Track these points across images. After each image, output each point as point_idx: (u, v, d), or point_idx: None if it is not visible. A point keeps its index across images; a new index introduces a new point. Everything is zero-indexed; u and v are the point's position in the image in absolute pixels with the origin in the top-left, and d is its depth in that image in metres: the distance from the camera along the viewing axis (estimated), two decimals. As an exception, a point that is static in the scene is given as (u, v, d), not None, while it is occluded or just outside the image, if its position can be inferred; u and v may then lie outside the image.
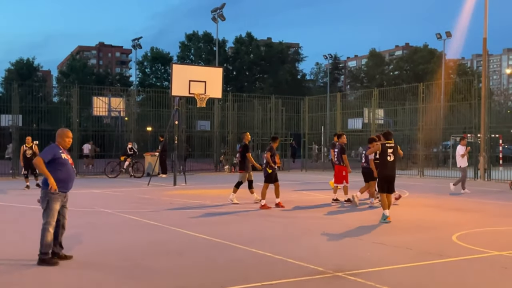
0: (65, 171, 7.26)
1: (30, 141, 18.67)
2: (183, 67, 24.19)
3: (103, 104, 28.38)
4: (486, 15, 24.87)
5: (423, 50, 76.17)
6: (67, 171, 7.29)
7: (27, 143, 18.59)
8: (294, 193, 17.48)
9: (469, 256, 7.79)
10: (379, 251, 8.24)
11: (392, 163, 11.26)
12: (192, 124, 31.90)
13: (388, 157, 11.21)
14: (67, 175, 7.28)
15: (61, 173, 7.22)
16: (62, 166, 7.23)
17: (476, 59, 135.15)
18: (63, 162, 7.25)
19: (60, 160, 7.23)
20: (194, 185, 20.37)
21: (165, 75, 69.85)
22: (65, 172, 7.27)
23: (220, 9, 38.20)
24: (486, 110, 24.20)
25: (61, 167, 7.22)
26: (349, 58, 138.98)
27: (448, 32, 48.22)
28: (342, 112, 31.81)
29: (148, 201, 15.04)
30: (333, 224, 10.91)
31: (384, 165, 11.30)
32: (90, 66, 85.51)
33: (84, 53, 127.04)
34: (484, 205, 14.59)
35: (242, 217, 12.00)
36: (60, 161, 7.22)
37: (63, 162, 7.25)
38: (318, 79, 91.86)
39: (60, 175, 7.20)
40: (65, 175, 7.25)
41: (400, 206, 13.86)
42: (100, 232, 9.90)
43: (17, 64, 70.51)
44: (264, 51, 73.75)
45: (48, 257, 7.09)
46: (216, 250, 8.22)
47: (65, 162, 7.29)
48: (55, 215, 7.18)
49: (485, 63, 26.52)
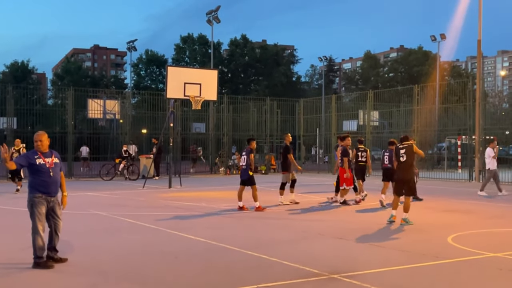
0: (43, 175, 7.20)
1: (19, 144, 18.59)
2: (178, 70, 24.16)
3: (98, 106, 28.34)
4: (480, 17, 24.98)
5: (417, 52, 76.35)
6: (45, 175, 7.21)
7: (16, 145, 18.51)
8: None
9: (464, 258, 7.81)
10: (374, 253, 8.24)
11: (403, 164, 11.24)
12: (187, 126, 31.87)
13: (401, 158, 11.28)
14: (46, 179, 7.21)
15: (39, 177, 7.19)
16: (39, 171, 7.19)
17: (471, 61, 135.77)
18: (38, 168, 7.19)
19: (35, 167, 7.19)
20: (189, 188, 20.33)
21: (160, 78, 69.77)
22: (44, 176, 7.20)
23: (215, 11, 38.21)
24: (480, 112, 24.28)
25: (38, 172, 7.19)
26: (344, 60, 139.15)
27: (442, 34, 48.40)
28: (337, 114, 31.86)
29: (143, 204, 15.00)
30: (329, 227, 10.91)
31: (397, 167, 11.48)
32: (85, 69, 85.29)
33: (79, 55, 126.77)
34: (479, 206, 14.62)
35: (237, 219, 11.98)
36: (35, 167, 7.19)
37: (38, 168, 7.19)
38: (313, 81, 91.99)
39: (39, 179, 7.19)
40: (43, 179, 7.20)
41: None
42: (95, 235, 9.87)
43: (11, 66, 70.32)
44: (259, 53, 73.79)
45: (43, 261, 7.07)
46: (212, 252, 8.20)
47: (41, 167, 7.20)
48: (41, 219, 7.15)
49: (480, 65, 26.62)
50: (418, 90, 27.91)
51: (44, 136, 7.36)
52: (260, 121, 33.05)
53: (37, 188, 7.15)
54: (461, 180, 24.89)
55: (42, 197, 7.15)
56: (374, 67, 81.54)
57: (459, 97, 34.74)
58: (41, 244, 7.06)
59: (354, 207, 14.31)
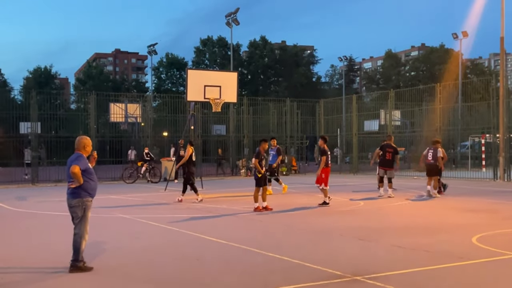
0: (94, 179, 7.45)
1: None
2: (198, 72, 24.33)
3: (119, 110, 28.61)
4: (503, 14, 24.60)
5: (439, 50, 75.50)
6: (94, 179, 7.49)
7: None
8: (306, 196, 17.39)
9: (489, 258, 7.69)
10: (397, 253, 8.17)
11: None
12: (208, 129, 32.00)
13: None
14: (95, 183, 7.49)
15: (92, 181, 7.38)
16: (92, 175, 7.42)
17: (494, 58, 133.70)
18: (91, 172, 7.42)
19: (89, 170, 7.40)
20: (210, 190, 20.40)
21: (181, 80, 70.19)
22: (94, 180, 7.45)
23: (234, 13, 38.31)
24: (504, 110, 23.90)
25: (91, 176, 7.38)
26: (365, 59, 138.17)
27: (464, 32, 47.74)
28: (358, 114, 31.67)
29: (165, 207, 15.10)
30: (349, 227, 10.85)
31: None
32: (106, 73, 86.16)
33: (100, 60, 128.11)
34: (504, 205, 14.39)
35: (257, 221, 11.99)
36: (89, 171, 7.39)
37: (91, 172, 7.42)
38: (333, 81, 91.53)
39: (91, 183, 7.36)
40: (94, 183, 7.45)
41: (418, 208, 13.74)
42: (120, 238, 9.96)
43: (35, 72, 71.38)
44: (279, 54, 73.77)
45: (83, 264, 7.20)
46: (234, 254, 8.22)
47: (92, 171, 7.48)
48: (88, 223, 7.37)
49: (503, 61, 26.19)
50: (440, 89, 27.59)
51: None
52: (280, 123, 33.02)
53: (89, 192, 7.32)
54: (486, 179, 24.53)
55: (91, 201, 7.39)
56: (395, 66, 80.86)
57: (482, 95, 34.29)
58: (83, 248, 7.24)
59: (373, 207, 14.19)
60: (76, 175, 7.09)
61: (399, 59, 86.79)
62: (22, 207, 15.26)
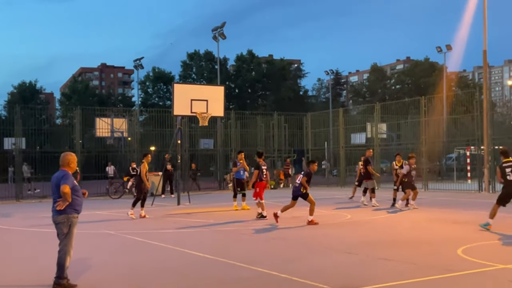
0: (80, 195, 7.39)
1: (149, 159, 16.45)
2: (185, 86, 24.31)
3: (105, 125, 28.47)
4: (485, 28, 24.95)
5: (424, 63, 76.35)
6: (80, 195, 7.42)
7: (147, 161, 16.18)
8: (297, 210, 17.34)
9: (475, 270, 7.72)
10: (384, 266, 8.17)
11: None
12: (195, 143, 31.92)
13: (508, 176, 11.51)
14: (81, 199, 7.42)
15: (78, 197, 7.32)
16: (78, 191, 7.35)
17: (478, 71, 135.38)
18: (77, 189, 7.36)
19: (76, 187, 7.33)
20: (198, 204, 20.31)
21: (168, 95, 70.09)
22: (80, 196, 7.39)
23: (221, 28, 38.43)
24: (488, 122, 24.15)
25: (77, 193, 7.32)
26: (351, 73, 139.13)
27: (448, 45, 48.32)
28: (345, 128, 31.82)
29: (152, 222, 14.99)
30: (336, 241, 10.84)
31: (506, 184, 11.69)
32: (92, 88, 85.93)
33: (86, 74, 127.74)
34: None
35: (244, 235, 11.94)
36: (76, 187, 7.33)
37: (77, 188, 7.36)
38: (320, 95, 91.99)
39: (78, 200, 7.30)
40: (80, 199, 7.39)
41: (405, 221, 13.78)
42: (105, 254, 9.86)
43: (19, 87, 70.97)
44: (266, 68, 74.05)
45: (66, 281, 7.10)
46: (221, 269, 8.17)
47: (78, 187, 7.42)
48: (73, 240, 7.28)
49: (486, 75, 26.54)
50: (425, 102, 27.84)
51: None
52: (268, 136, 33.05)
53: (75, 208, 7.24)
54: (471, 191, 24.70)
55: (77, 217, 7.31)
56: (381, 79, 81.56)
57: (467, 108, 34.62)
58: (68, 265, 7.15)
59: (360, 220, 14.21)
60: (67, 195, 7.03)
61: (385, 72, 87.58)
62: (6, 224, 15.06)
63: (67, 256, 7.11)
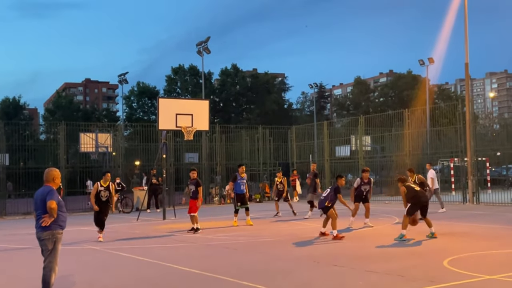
0: (64, 211, 7.36)
1: (108, 178, 14.40)
2: (170, 101, 24.27)
3: (90, 140, 28.28)
4: (466, 41, 25.33)
5: (407, 76, 77.14)
6: (64, 210, 7.40)
7: (104, 181, 14.28)
8: (284, 223, 17.39)
9: (460, 281, 7.78)
10: (371, 279, 8.20)
11: None
12: (180, 157, 31.82)
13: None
14: (65, 214, 7.39)
15: (63, 213, 7.29)
16: (62, 207, 7.32)
17: (460, 83, 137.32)
18: (62, 205, 7.32)
19: (60, 203, 7.29)
20: (183, 219, 20.18)
21: (152, 109, 69.87)
22: (64, 211, 7.36)
23: (205, 42, 38.55)
24: (471, 134, 24.42)
25: (62, 208, 7.28)
26: (335, 86, 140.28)
27: (430, 58, 48.93)
28: (329, 140, 31.99)
29: (137, 237, 14.88)
30: (324, 254, 10.86)
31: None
32: (76, 103, 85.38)
33: (70, 89, 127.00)
34: (474, 228, 14.61)
35: (231, 250, 11.91)
36: (61, 203, 7.29)
37: (62, 204, 7.32)
38: (304, 108, 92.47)
39: (62, 215, 7.26)
40: (65, 215, 7.34)
41: (391, 233, 13.84)
42: (90, 271, 9.76)
43: (3, 103, 70.25)
44: (250, 82, 74.28)
45: None
46: (208, 284, 8.13)
47: (63, 203, 7.39)
48: (58, 256, 7.22)
49: (468, 87, 26.89)
50: (409, 114, 28.12)
51: None
52: (253, 149, 33.09)
53: (59, 224, 7.20)
54: (455, 202, 24.89)
55: (62, 233, 7.26)
56: (365, 92, 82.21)
57: (450, 120, 35.04)
58: (53, 282, 7.09)
59: (346, 233, 14.24)
60: (53, 211, 6.98)
61: (368, 85, 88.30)
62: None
63: (52, 272, 7.04)
